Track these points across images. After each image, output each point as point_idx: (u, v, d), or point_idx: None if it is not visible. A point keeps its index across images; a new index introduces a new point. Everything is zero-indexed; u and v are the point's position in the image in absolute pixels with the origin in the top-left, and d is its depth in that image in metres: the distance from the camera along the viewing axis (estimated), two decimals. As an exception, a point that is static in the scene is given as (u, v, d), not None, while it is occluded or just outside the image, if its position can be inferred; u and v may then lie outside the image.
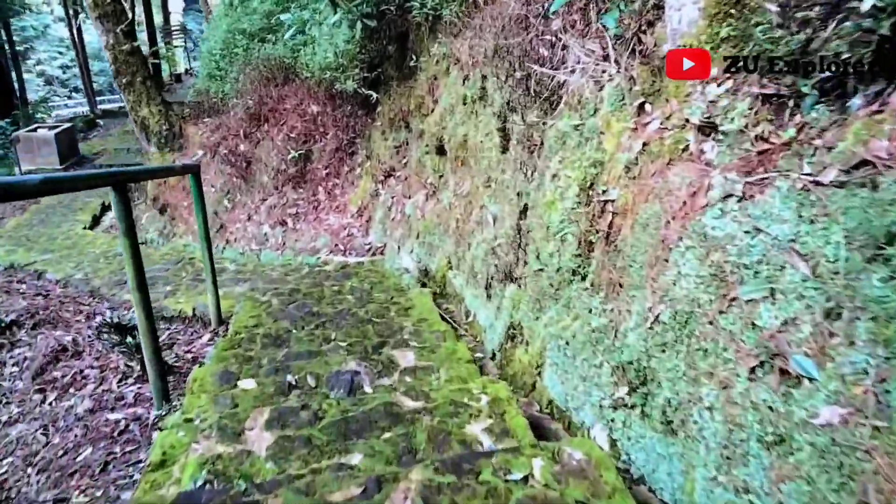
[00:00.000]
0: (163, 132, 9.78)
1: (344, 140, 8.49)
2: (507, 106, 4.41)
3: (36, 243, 10.13)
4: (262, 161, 8.88)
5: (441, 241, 5.87)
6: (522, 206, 3.89)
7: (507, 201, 4.22)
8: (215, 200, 9.19)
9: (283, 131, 8.89)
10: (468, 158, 5.50)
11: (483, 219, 4.81)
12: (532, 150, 3.82)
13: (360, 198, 7.84)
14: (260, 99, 9.22)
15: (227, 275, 7.11)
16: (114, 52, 9.36)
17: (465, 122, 5.55)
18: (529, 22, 3.96)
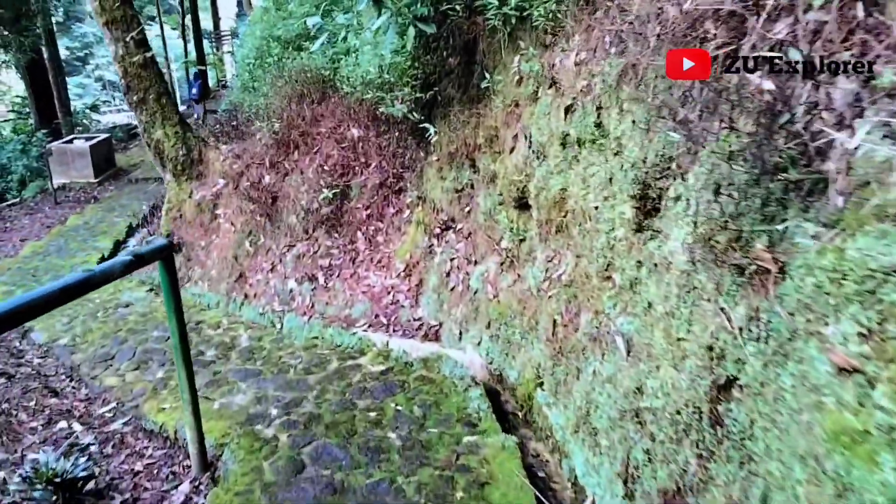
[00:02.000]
0: (179, 157, 8.30)
1: (390, 174, 6.80)
2: (658, 162, 2.60)
3: (39, 281, 8.79)
4: (290, 197, 7.27)
5: (525, 341, 4.09)
6: (723, 378, 2.07)
7: (672, 341, 2.42)
8: (235, 242, 7.63)
9: (315, 161, 7.27)
10: (568, 225, 3.71)
11: (607, 340, 3.01)
12: (754, 276, 2.01)
13: (409, 251, 6.12)
14: (290, 120, 7.63)
15: (235, 355, 5.48)
16: (123, 64, 7.92)
17: (564, 172, 3.77)
18: (739, 19, 2.16)
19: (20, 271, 9.54)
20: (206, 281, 7.89)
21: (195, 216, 8.26)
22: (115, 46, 7.86)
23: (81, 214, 14.02)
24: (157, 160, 8.49)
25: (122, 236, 11.58)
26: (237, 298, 7.27)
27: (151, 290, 8.10)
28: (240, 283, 7.39)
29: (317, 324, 6.10)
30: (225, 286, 7.52)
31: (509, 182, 4.57)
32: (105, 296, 7.90)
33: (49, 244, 11.34)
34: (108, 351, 5.95)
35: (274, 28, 10.73)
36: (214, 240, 8.01)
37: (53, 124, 21.06)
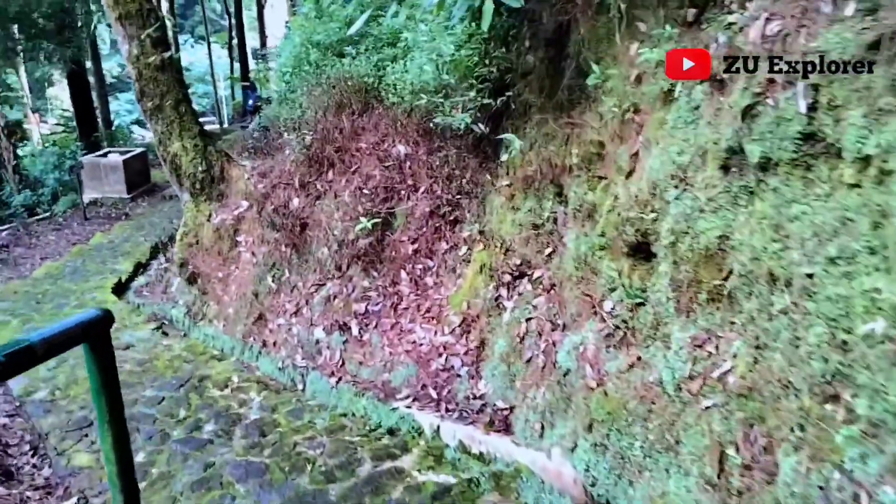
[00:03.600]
0: (198, 174, 7.17)
1: (443, 201, 5.50)
2: None
3: (39, 310, 7.76)
4: (321, 225, 6.02)
5: (654, 463, 2.68)
6: None
7: None
8: (256, 276, 6.41)
9: (353, 182, 6.02)
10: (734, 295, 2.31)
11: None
12: None
13: (466, 299, 4.78)
14: (325, 133, 6.41)
15: (239, 434, 4.22)
16: (137, 66, 6.86)
17: (726, 211, 2.38)
18: None
19: (26, 296, 8.55)
20: (221, 320, 6.68)
21: (213, 243, 7.09)
22: (129, 45, 6.81)
23: (108, 232, 13.18)
24: (173, 177, 7.39)
25: (146, 258, 10.59)
26: (254, 346, 6.02)
27: (160, 328, 6.94)
28: (259, 326, 6.14)
29: (347, 390, 4.78)
30: (242, 329, 6.29)
31: (621, 219, 3.20)
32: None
33: (66, 265, 10.42)
34: (87, 414, 4.74)
35: (313, 33, 9.66)
36: (234, 272, 6.81)
37: (92, 138, 20.56)
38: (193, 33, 42.23)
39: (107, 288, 8.82)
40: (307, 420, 4.37)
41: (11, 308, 7.90)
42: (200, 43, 36.53)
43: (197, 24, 37.86)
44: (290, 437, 4.13)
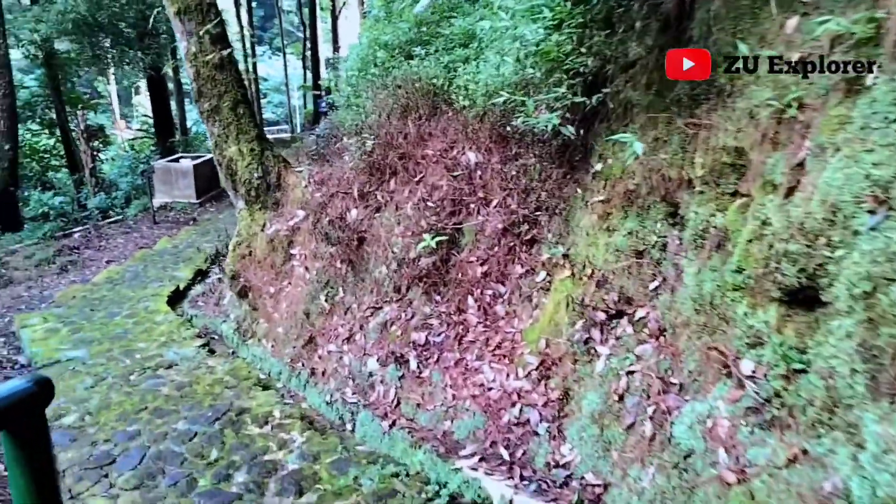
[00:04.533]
0: (254, 181, 6.67)
1: (518, 217, 4.72)
2: None
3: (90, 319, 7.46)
4: (379, 240, 5.36)
5: None
6: None
7: None
8: (308, 294, 5.81)
9: (417, 193, 5.33)
10: None
11: None
12: None
13: (545, 335, 3.98)
14: (389, 139, 5.77)
15: (273, 488, 3.55)
16: (195, 64, 6.43)
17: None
18: None
19: (83, 301, 8.31)
20: (269, 340, 6.11)
21: (266, 255, 6.56)
22: (188, 42, 6.40)
23: (174, 237, 13.07)
24: (228, 183, 6.92)
25: (206, 265, 10.28)
26: (302, 373, 5.40)
27: (206, 345, 6.44)
28: (308, 351, 5.52)
29: (402, 438, 4.06)
30: (290, 352, 5.69)
31: (774, 252, 2.34)
32: (152, 348, 6.33)
33: (127, 270, 10.24)
34: (110, 449, 4.20)
35: (381, 34, 9.11)
36: (286, 287, 6.25)
37: (168, 143, 20.90)
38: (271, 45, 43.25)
39: (163, 296, 8.49)
40: (353, 477, 3.66)
41: (65, 315, 7.64)
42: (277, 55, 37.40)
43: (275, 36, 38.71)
44: (331, 499, 3.43)
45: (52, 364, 5.95)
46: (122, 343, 6.48)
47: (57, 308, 8.06)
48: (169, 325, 7.01)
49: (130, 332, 6.86)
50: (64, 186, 18.40)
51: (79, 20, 16.80)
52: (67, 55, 19.13)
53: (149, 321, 7.25)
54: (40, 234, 13.85)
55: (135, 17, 18.89)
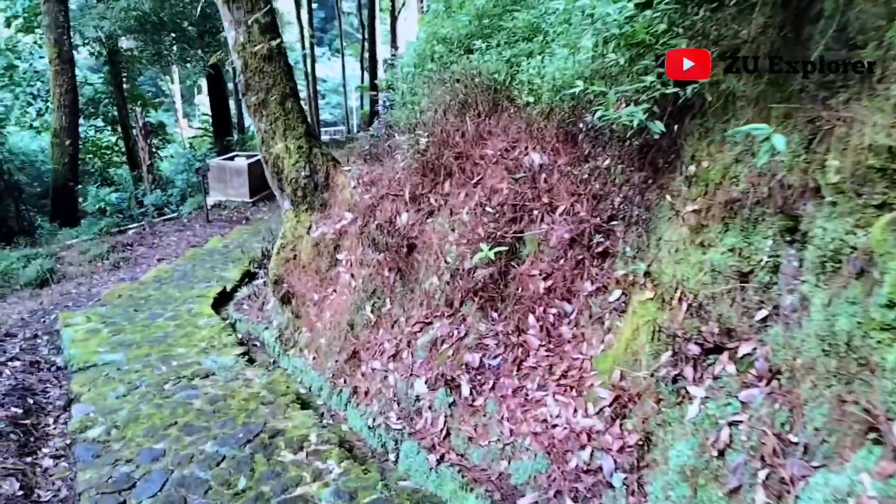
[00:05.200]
0: (300, 180, 6.29)
1: (589, 226, 4.16)
2: None
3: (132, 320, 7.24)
4: (431, 248, 4.88)
5: None
6: None
7: None
8: (353, 304, 5.37)
9: (474, 197, 4.83)
10: None
11: None
12: None
13: (621, 365, 3.41)
14: (444, 137, 5.28)
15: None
16: (243, 55, 6.11)
17: None
18: None
19: (128, 301, 8.15)
20: (311, 352, 5.71)
21: (311, 259, 6.17)
22: (236, 32, 6.08)
23: (225, 236, 12.97)
24: (274, 182, 6.57)
25: (255, 266, 10.04)
26: (344, 391, 4.96)
27: (246, 353, 6.09)
28: (351, 366, 5.08)
29: (451, 476, 3.55)
30: (332, 366, 5.27)
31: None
32: (191, 354, 6.02)
33: (176, 269, 10.09)
34: (132, 471, 3.85)
35: (440, 28, 8.66)
36: (330, 295, 5.84)
37: (225, 142, 21.06)
38: (331, 47, 43.63)
39: (209, 297, 8.25)
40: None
41: (108, 314, 7.46)
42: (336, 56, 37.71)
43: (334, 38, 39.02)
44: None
45: (88, 368, 5.70)
46: (160, 348, 6.20)
47: (102, 307, 7.90)
48: (210, 330, 6.71)
49: (171, 335, 6.59)
50: (124, 183, 18.72)
51: (141, 18, 17.01)
52: (130, 53, 19.47)
53: (191, 325, 6.98)
54: (96, 229, 13.98)
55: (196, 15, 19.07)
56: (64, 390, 5.35)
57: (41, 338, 7.24)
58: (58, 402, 5.12)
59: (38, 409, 4.92)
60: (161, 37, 18.98)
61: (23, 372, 5.66)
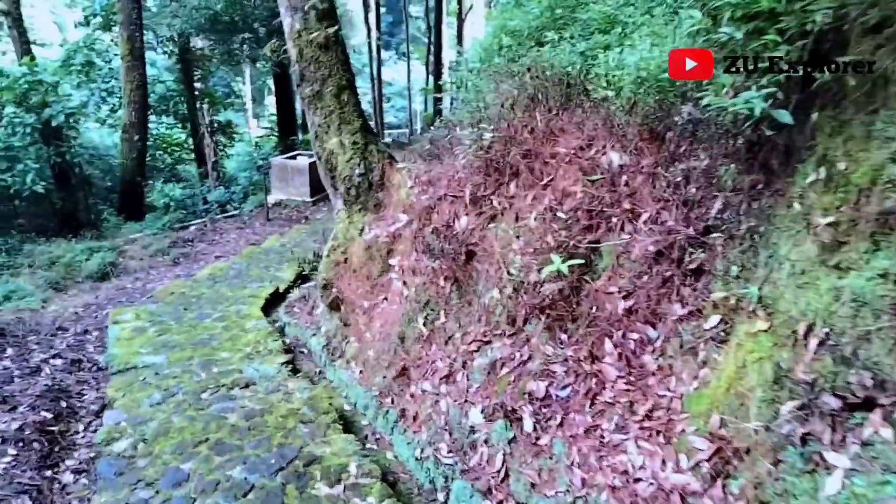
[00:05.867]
0: (354, 178, 5.87)
1: (680, 237, 3.52)
2: None
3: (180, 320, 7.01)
4: (492, 257, 4.32)
5: None
6: None
7: None
8: (405, 315, 4.88)
9: (543, 201, 4.25)
10: None
11: None
12: None
13: (720, 407, 2.77)
14: (511, 133, 4.73)
15: None
16: (299, 43, 5.74)
17: None
18: None
19: (180, 298, 7.95)
20: (358, 364, 5.25)
21: (363, 264, 5.73)
22: (291, 18, 5.72)
23: (283, 235, 12.79)
24: (327, 179, 6.18)
25: (309, 267, 9.73)
26: (391, 412, 4.47)
27: (290, 362, 5.69)
28: (400, 384, 4.59)
29: (508, 531, 2.99)
30: (380, 381, 4.79)
31: None
32: (234, 360, 5.68)
33: (231, 267, 9.90)
34: (150, 497, 3.46)
35: (508, 20, 8.12)
36: (381, 303, 5.38)
37: (289, 141, 21.11)
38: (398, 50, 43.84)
39: (260, 298, 7.97)
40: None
41: (158, 312, 7.25)
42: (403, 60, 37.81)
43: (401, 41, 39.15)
44: None
45: (127, 370, 5.43)
46: (204, 351, 5.89)
47: (153, 304, 7.72)
48: (256, 334, 6.37)
49: (216, 338, 6.28)
50: (191, 179, 19.00)
51: (212, 17, 17.17)
52: (201, 52, 19.76)
53: (238, 327, 6.67)
54: (160, 224, 14.10)
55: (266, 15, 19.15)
56: (100, 394, 5.08)
57: (91, 333, 7.10)
58: (92, 407, 4.85)
59: (70, 414, 4.65)
60: (231, 36, 19.16)
61: (62, 371, 5.44)
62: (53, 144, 12.91)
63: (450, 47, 33.76)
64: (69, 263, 11.21)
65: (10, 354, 5.90)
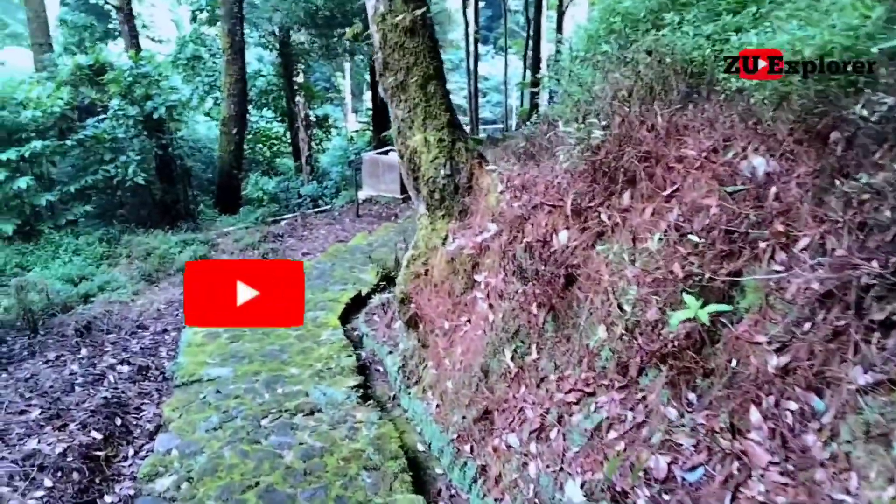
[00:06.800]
0: (439, 180, 5.20)
1: (859, 275, 2.57)
2: None
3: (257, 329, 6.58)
4: (600, 284, 3.51)
5: None
6: None
7: None
8: (489, 344, 4.16)
9: (667, 216, 3.39)
10: None
11: None
12: None
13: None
14: (626, 130, 3.87)
15: None
16: (383, 27, 5.14)
17: None
18: None
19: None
20: (436, 395, 4.59)
21: (445, 277, 5.06)
22: (376, 0, 5.11)
23: (370, 234, 12.43)
24: (409, 180, 5.55)
25: (394, 270, 9.22)
26: (469, 465, 3.76)
27: (360, 386, 5.11)
28: (482, 429, 3.87)
29: None
30: (458, 422, 4.10)
31: None
32: (303, 377, 5.18)
33: (315, 266, 9.60)
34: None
35: (619, 2, 7.18)
36: (464, 325, 4.68)
37: (382, 136, 20.90)
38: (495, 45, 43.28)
39: (340, 303, 7.54)
40: None
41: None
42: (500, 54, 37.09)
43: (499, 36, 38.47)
44: None
45: (191, 383, 5.06)
46: (272, 365, 5.44)
47: (232, 305, 7.42)
48: (330, 348, 5.87)
49: (287, 350, 5.83)
50: (287, 172, 19.13)
51: (311, 10, 17.12)
52: (301, 45, 19.84)
53: (312, 337, 6.20)
54: (253, 218, 14.11)
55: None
56: (159, 410, 4.71)
57: (168, 334, 6.90)
58: (147, 426, 4.48)
59: (123, 434, 4.29)
60: (331, 30, 19.09)
61: (126, 380, 5.15)
62: (155, 136, 13.15)
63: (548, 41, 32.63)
64: (163, 255, 11.31)
65: (84, 355, 5.71)
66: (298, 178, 17.78)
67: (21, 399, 4.42)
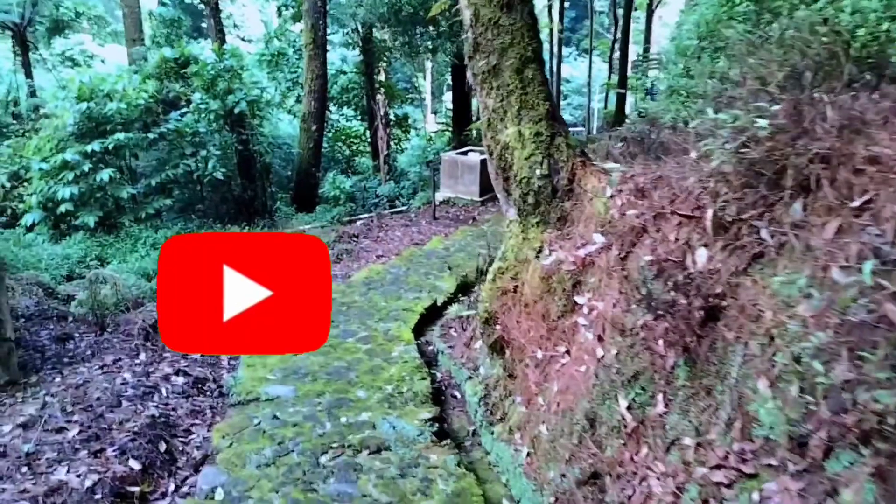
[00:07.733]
0: (534, 181, 4.42)
1: None
2: None
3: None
4: (759, 322, 2.62)
5: None
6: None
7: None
8: (597, 387, 3.33)
9: (858, 235, 2.46)
10: None
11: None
12: None
13: None
14: (793, 122, 2.95)
15: None
16: (475, 2, 4.40)
17: None
18: None
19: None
20: (525, 440, 3.80)
21: (538, 297, 4.26)
22: (466, -27, 4.40)
23: (448, 237, 11.77)
24: (499, 179, 4.79)
25: (474, 277, 8.52)
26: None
27: (437, 419, 4.39)
28: (588, 495, 3.06)
29: None
30: (556, 481, 3.31)
31: None
32: (370, 403, 4.53)
33: (388, 271, 9.02)
34: None
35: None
36: (562, 357, 3.88)
37: (462, 136, 20.26)
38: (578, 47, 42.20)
39: (415, 313, 6.90)
40: None
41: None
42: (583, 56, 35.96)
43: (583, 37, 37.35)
44: None
45: (248, 402, 4.51)
46: (337, 385, 4.82)
47: (299, 313, 6.89)
48: (402, 367, 5.20)
49: (355, 367, 5.21)
50: (366, 171, 18.83)
51: (395, 7, 16.70)
52: (383, 43, 19.50)
53: (383, 353, 5.56)
54: (329, 217, 13.78)
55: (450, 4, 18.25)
56: (209, 433, 4.16)
57: (233, 340, 6.41)
58: (194, 453, 3.93)
59: (164, 464, 3.74)
60: (413, 28, 18.65)
61: (179, 395, 4.65)
62: (236, 132, 13.01)
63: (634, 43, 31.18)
64: (237, 253, 11.06)
65: (141, 361, 5.28)
66: (376, 177, 17.40)
67: (62, 414, 3.98)
